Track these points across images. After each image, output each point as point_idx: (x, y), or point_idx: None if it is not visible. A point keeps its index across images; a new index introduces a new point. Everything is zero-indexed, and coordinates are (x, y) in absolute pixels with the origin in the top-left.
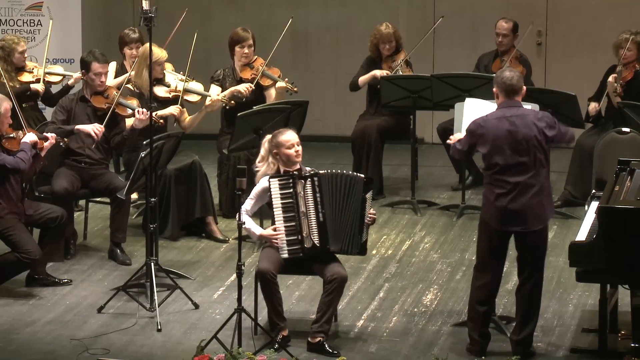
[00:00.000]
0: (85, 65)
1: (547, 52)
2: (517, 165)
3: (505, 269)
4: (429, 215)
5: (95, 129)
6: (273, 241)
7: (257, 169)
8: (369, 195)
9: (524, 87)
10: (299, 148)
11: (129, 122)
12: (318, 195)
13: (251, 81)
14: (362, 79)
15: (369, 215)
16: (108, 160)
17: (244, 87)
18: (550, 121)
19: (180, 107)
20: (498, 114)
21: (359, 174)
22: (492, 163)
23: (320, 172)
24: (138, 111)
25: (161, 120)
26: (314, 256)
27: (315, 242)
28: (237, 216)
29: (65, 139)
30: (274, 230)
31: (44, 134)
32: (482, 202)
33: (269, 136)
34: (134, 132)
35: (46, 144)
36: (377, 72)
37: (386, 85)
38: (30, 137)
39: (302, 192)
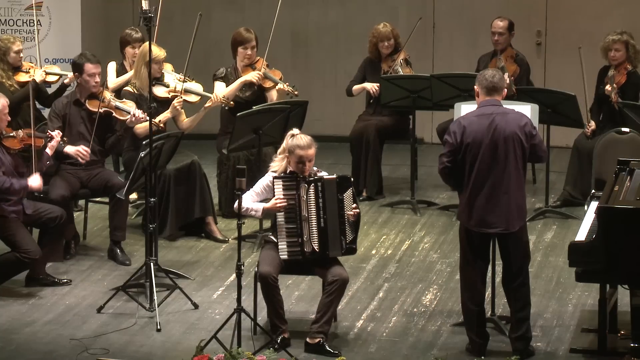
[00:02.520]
0: (78, 68)
1: (546, 52)
2: (494, 164)
3: (499, 268)
4: (428, 215)
5: (80, 152)
6: (278, 206)
7: (275, 157)
8: (346, 194)
9: (505, 90)
10: (308, 165)
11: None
12: (320, 200)
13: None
14: (355, 88)
15: (348, 214)
16: (103, 160)
17: (255, 76)
18: (532, 128)
19: (178, 106)
20: (478, 111)
21: (331, 176)
22: (470, 161)
23: (324, 177)
24: (134, 114)
25: (162, 125)
26: (314, 260)
27: (315, 247)
28: (236, 204)
29: (65, 138)
30: (276, 200)
31: (48, 132)
32: (459, 203)
33: (295, 130)
34: (127, 131)
35: (52, 142)
36: (368, 86)
37: (386, 85)
38: (35, 181)
39: (305, 196)
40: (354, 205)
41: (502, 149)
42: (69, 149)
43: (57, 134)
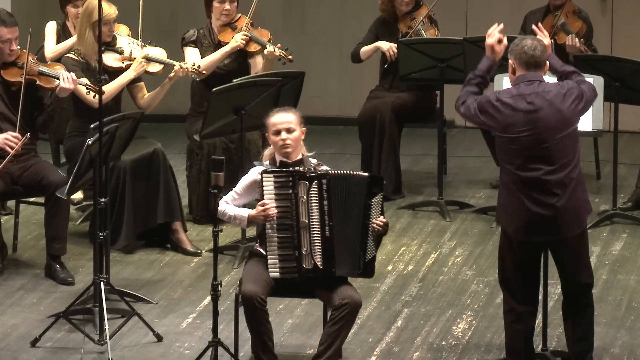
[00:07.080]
0: None
1: (613, 11)
2: (539, 156)
3: (552, 289)
4: (460, 221)
5: (10, 140)
6: (268, 214)
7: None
8: (375, 199)
9: (547, 63)
10: (287, 137)
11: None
12: (325, 203)
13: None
14: (365, 50)
15: (375, 224)
16: (35, 144)
17: (240, 40)
18: (578, 90)
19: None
20: (514, 91)
21: (361, 173)
22: (509, 153)
23: (330, 172)
24: (63, 77)
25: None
26: (314, 279)
27: (318, 263)
28: (213, 208)
29: None
30: (263, 205)
31: None
32: (498, 204)
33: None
34: (59, 103)
35: None
36: (383, 46)
37: (405, 51)
38: None
39: (305, 197)
40: (381, 216)
41: (546, 138)
42: None
43: None
